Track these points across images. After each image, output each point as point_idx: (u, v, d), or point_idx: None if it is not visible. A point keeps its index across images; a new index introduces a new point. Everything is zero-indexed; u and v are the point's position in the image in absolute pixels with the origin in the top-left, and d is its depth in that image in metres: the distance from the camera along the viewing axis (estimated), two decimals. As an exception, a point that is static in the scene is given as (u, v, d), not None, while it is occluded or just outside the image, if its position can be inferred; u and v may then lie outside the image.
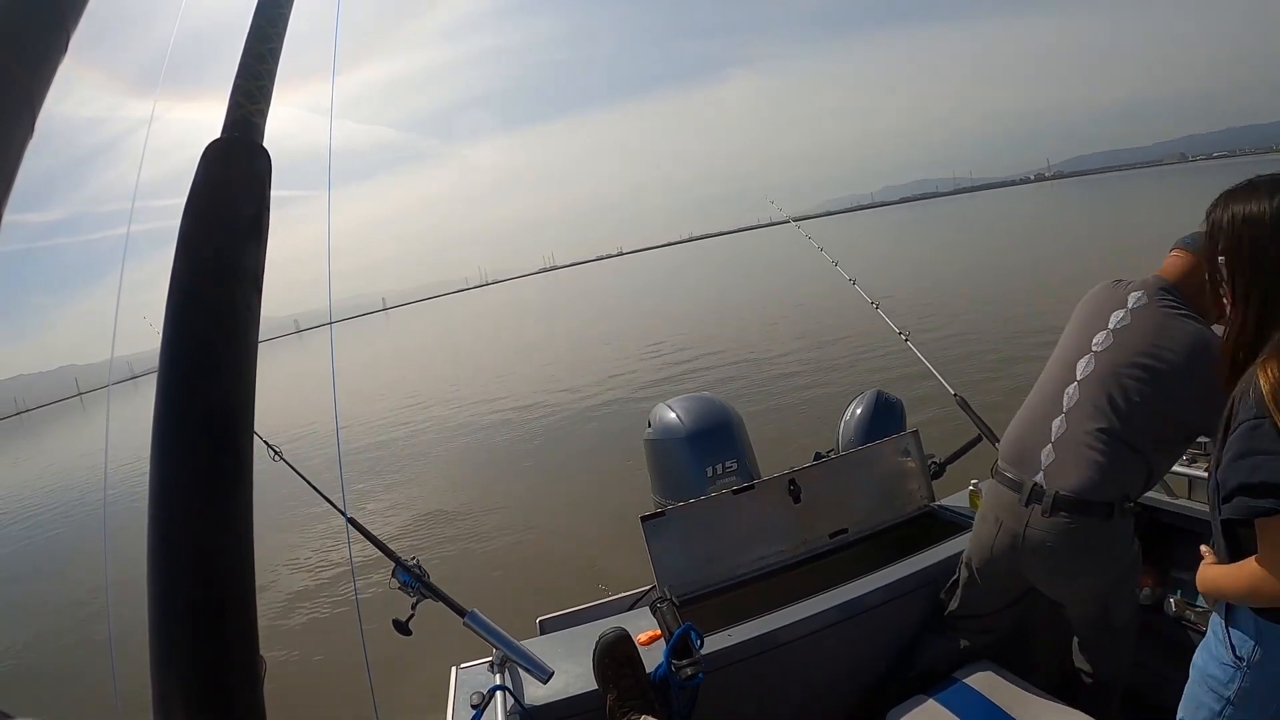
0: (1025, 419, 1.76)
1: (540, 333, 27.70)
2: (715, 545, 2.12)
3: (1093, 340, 1.67)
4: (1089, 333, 1.70)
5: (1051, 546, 1.62)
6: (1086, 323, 1.73)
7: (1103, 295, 1.75)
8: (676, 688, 1.61)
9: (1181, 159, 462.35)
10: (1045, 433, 1.67)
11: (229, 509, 0.46)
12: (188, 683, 0.43)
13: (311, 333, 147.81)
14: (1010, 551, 1.70)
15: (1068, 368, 1.69)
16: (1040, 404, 1.72)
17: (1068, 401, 1.65)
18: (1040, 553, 1.65)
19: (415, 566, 1.77)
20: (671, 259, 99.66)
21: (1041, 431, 1.68)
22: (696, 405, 2.90)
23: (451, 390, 16.43)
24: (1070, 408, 1.64)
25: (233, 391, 0.48)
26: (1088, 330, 1.71)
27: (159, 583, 0.44)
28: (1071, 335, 1.76)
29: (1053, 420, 1.66)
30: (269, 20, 0.55)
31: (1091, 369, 1.64)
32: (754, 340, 13.98)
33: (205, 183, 0.51)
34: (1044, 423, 1.68)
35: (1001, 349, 8.87)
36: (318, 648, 5.01)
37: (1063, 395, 1.67)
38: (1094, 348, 1.66)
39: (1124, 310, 1.66)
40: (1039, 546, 1.64)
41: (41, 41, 0.42)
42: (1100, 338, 1.66)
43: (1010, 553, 1.71)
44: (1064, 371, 1.70)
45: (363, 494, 8.70)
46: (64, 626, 6.85)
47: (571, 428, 10.27)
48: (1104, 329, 1.67)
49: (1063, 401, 1.66)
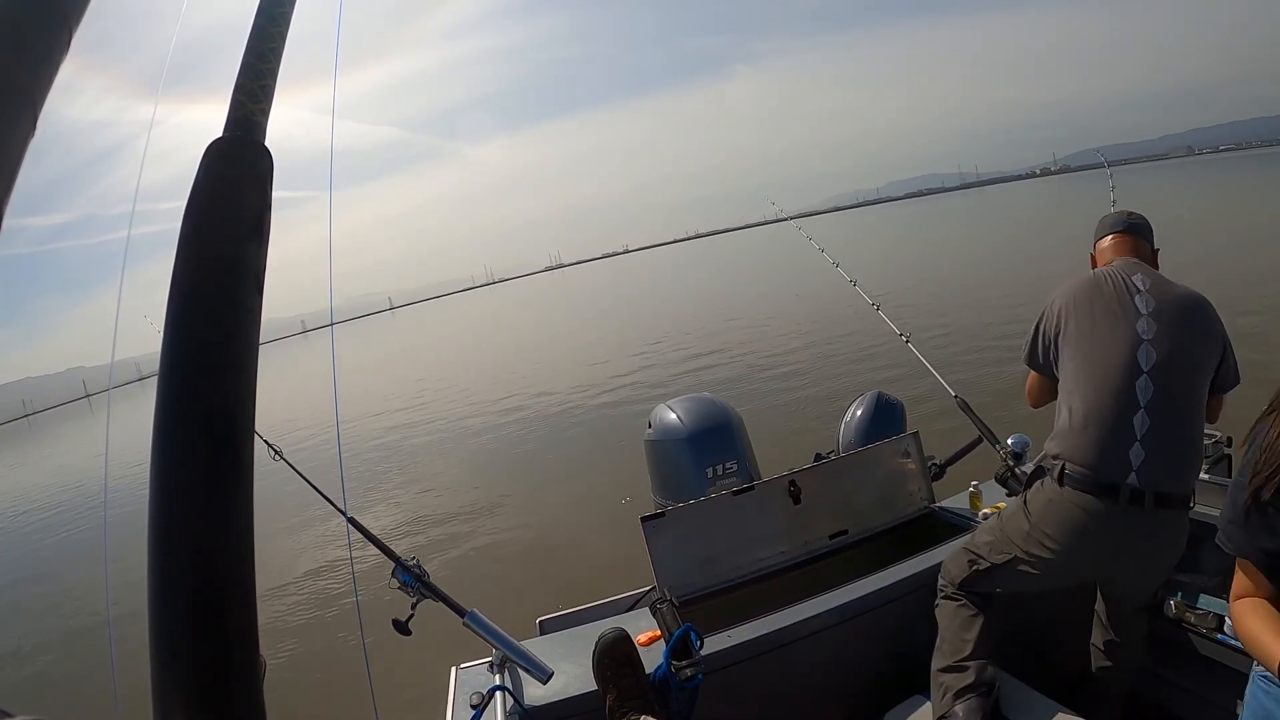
0: (1095, 420, 1.64)
1: (542, 333, 27.71)
2: (715, 546, 2.12)
3: (1137, 328, 1.66)
4: (1125, 321, 1.68)
5: (1155, 545, 1.62)
6: (1113, 311, 1.70)
7: (1103, 284, 1.76)
8: (676, 688, 1.61)
9: (1188, 152, 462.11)
10: (1129, 431, 1.59)
11: (229, 509, 0.46)
12: (188, 683, 0.43)
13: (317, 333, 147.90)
14: (1103, 558, 1.65)
15: (1127, 360, 1.63)
16: (1111, 401, 1.63)
17: (1143, 395, 1.60)
18: (1143, 553, 1.63)
19: (415, 566, 1.77)
20: (675, 256, 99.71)
21: (1124, 430, 1.60)
22: (696, 406, 2.90)
23: (452, 391, 16.43)
24: (1149, 401, 1.59)
25: (233, 391, 0.48)
26: (1120, 319, 1.68)
27: (159, 582, 0.44)
28: (1102, 326, 1.70)
29: (1133, 417, 1.60)
30: (270, 19, 0.55)
31: (1155, 358, 1.62)
32: (755, 340, 13.98)
33: (206, 182, 0.51)
34: (1123, 420, 1.60)
35: (1002, 349, 8.88)
36: (318, 648, 5.01)
37: (1134, 389, 1.61)
38: (1144, 336, 1.64)
39: (1142, 294, 1.70)
40: (1142, 548, 1.62)
41: (43, 40, 0.42)
42: (1143, 325, 1.65)
43: (1101, 559, 1.65)
44: (1125, 363, 1.63)
45: (364, 494, 8.70)
46: (64, 626, 6.85)
47: (572, 428, 10.27)
48: (1140, 314, 1.67)
49: (1138, 396, 1.60)
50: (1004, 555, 1.75)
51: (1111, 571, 1.71)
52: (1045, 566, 1.69)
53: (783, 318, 16.25)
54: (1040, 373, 1.92)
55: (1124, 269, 1.78)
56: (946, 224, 49.47)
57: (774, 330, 14.79)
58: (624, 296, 40.24)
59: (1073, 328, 1.76)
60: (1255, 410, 1.20)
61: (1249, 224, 15.90)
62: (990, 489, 2.30)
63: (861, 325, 10.76)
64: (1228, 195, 32.19)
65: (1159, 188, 42.12)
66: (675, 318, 21.63)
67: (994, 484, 2.26)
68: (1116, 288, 1.74)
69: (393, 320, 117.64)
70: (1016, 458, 2.23)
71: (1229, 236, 14.97)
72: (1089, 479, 1.61)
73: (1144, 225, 1.94)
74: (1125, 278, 1.75)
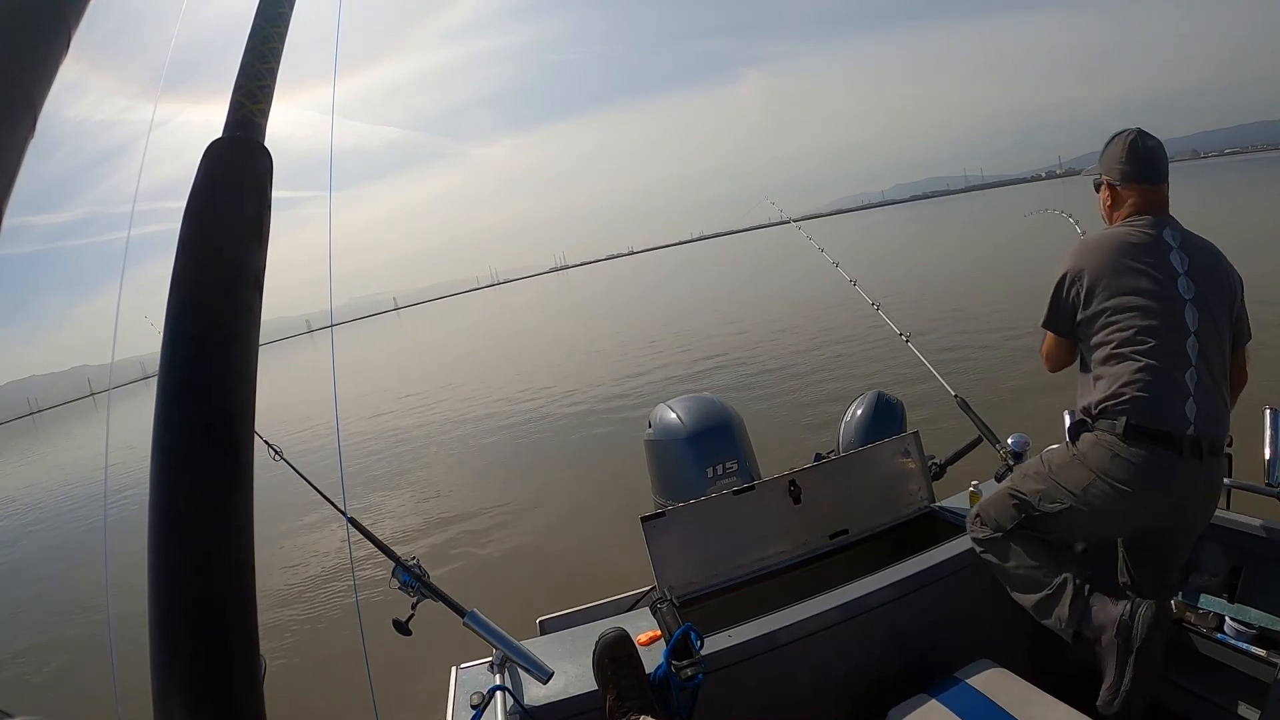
0: (1154, 377, 1.68)
1: (544, 334, 27.71)
2: (715, 546, 2.12)
3: (1179, 288, 1.69)
4: (1167, 281, 1.70)
5: (1210, 493, 1.72)
6: (1152, 273, 1.71)
7: (1135, 243, 1.75)
8: (676, 688, 1.61)
9: (1194, 155, 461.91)
10: (1184, 388, 1.67)
11: (229, 509, 0.46)
12: (188, 683, 0.43)
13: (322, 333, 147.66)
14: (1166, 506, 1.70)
15: (1176, 321, 1.68)
16: (1168, 361, 1.68)
17: (1193, 354, 1.67)
18: (1200, 499, 1.71)
19: (415, 566, 1.77)
20: (680, 258, 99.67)
21: (1180, 387, 1.67)
22: (697, 406, 2.90)
23: (453, 392, 16.43)
24: (1197, 359, 1.67)
25: (234, 391, 0.48)
26: (1162, 281, 1.70)
27: (159, 582, 0.44)
28: (1145, 287, 1.71)
29: (1185, 374, 1.67)
30: (270, 20, 0.55)
31: (1199, 316, 1.68)
32: (755, 340, 13.98)
33: (206, 183, 0.51)
34: (1178, 378, 1.67)
35: (1002, 349, 8.87)
36: (318, 648, 5.01)
37: (1185, 348, 1.68)
38: (1186, 296, 1.69)
39: (1175, 250, 1.72)
40: (1201, 494, 1.70)
41: (43, 40, 0.42)
42: (1184, 285, 1.70)
43: (1165, 507, 1.71)
44: (1175, 325, 1.69)
45: (365, 494, 8.70)
46: (65, 626, 6.85)
47: (572, 428, 10.27)
48: (1179, 274, 1.70)
49: (1189, 355, 1.68)
50: (1057, 504, 1.78)
51: (1171, 519, 1.75)
52: (1106, 515, 1.74)
53: (784, 318, 16.25)
54: (1062, 335, 1.89)
55: (1153, 225, 1.76)
56: (950, 226, 49.47)
57: (774, 330, 14.79)
58: (627, 298, 40.24)
59: (1111, 291, 1.75)
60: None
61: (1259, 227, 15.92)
62: (990, 489, 2.30)
63: (862, 325, 10.76)
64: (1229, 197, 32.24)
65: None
66: (676, 319, 21.63)
67: (994, 483, 2.26)
68: (1151, 246, 1.74)
69: (397, 321, 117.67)
70: (1016, 457, 2.23)
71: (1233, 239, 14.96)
72: (1155, 433, 1.66)
73: (1165, 162, 1.86)
74: (1157, 234, 1.75)
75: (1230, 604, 1.94)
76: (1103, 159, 1.89)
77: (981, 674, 1.77)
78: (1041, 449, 2.41)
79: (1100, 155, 1.92)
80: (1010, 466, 2.19)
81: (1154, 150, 1.82)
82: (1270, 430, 1.90)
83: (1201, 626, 1.93)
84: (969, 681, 1.75)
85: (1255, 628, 1.86)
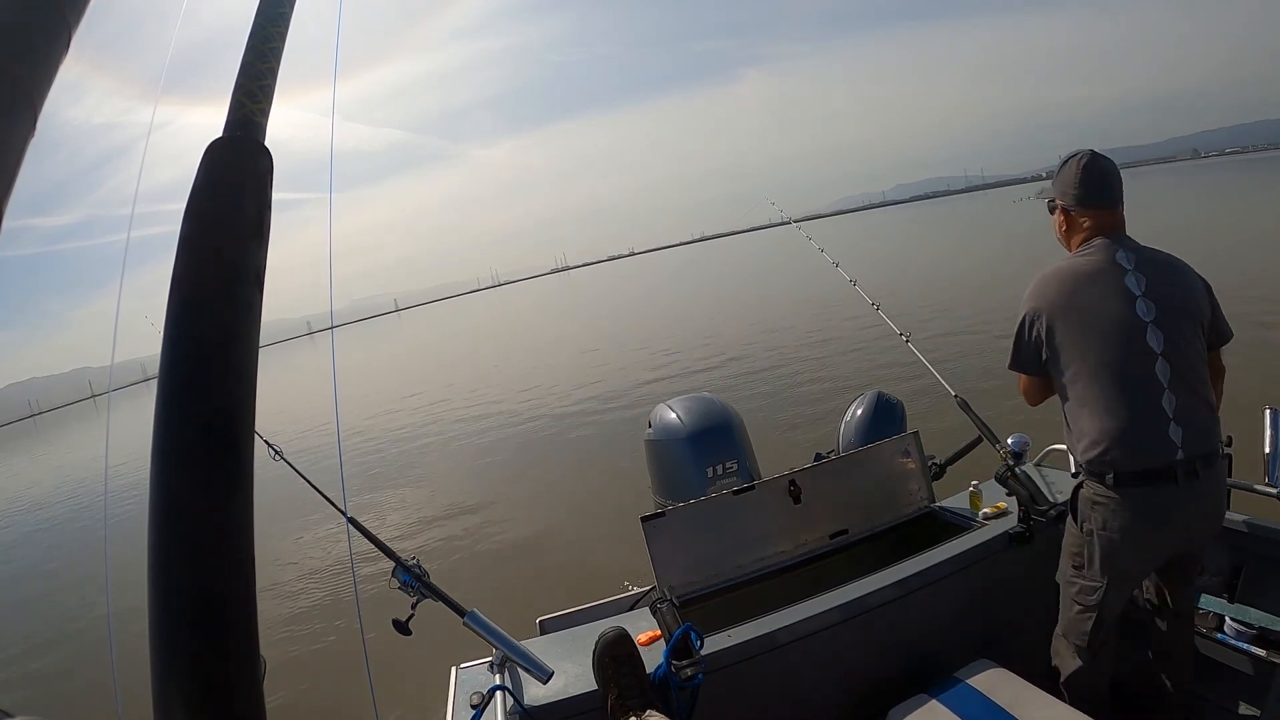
0: (1128, 416, 1.66)
1: (545, 334, 27.71)
2: (715, 546, 2.12)
3: (1138, 312, 1.67)
4: (1125, 309, 1.68)
5: (1213, 501, 1.71)
6: (1108, 303, 1.69)
7: (1088, 273, 1.74)
8: (676, 688, 1.61)
9: (1194, 155, 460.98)
10: (1162, 414, 1.64)
11: (229, 509, 0.46)
12: (188, 682, 0.43)
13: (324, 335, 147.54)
14: (1179, 534, 1.71)
15: (1139, 348, 1.66)
16: (1139, 394, 1.66)
17: (1164, 376, 1.65)
18: (1207, 513, 1.71)
19: (415, 566, 1.76)
20: (681, 259, 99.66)
21: (1158, 415, 1.64)
22: (696, 406, 2.90)
23: (453, 392, 16.44)
24: (1170, 380, 1.65)
25: (234, 391, 0.48)
26: (1118, 309, 1.68)
27: (159, 582, 0.44)
28: (1102, 320, 1.70)
29: (1161, 399, 1.64)
30: (270, 20, 0.55)
31: (1163, 336, 1.66)
32: (756, 340, 13.98)
33: (206, 183, 0.51)
34: (1154, 407, 1.65)
35: (1003, 349, 8.83)
36: (318, 647, 5.01)
37: (1155, 373, 1.65)
38: (1145, 319, 1.66)
39: (1130, 273, 1.70)
40: (1206, 509, 1.70)
41: (43, 40, 0.42)
42: (1142, 308, 1.67)
43: (1178, 535, 1.71)
44: (1139, 352, 1.66)
45: (366, 494, 8.70)
46: (65, 626, 6.85)
47: (572, 428, 10.27)
48: (1136, 296, 1.68)
49: (1160, 379, 1.65)
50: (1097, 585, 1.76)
51: (1187, 542, 1.75)
52: (1129, 566, 1.74)
53: (784, 318, 16.25)
54: (1031, 375, 1.88)
55: (1105, 249, 1.74)
56: (951, 226, 49.44)
57: (775, 330, 14.80)
58: (627, 298, 40.24)
59: (1069, 327, 1.73)
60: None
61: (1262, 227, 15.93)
62: (990, 488, 2.30)
63: (862, 325, 10.76)
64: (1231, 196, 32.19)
65: (1163, 189, 42.04)
66: (676, 319, 21.63)
67: (994, 483, 2.26)
68: (1105, 272, 1.71)
69: (398, 322, 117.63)
70: (1016, 457, 2.23)
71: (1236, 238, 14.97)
72: (1143, 473, 1.65)
73: (1119, 184, 1.82)
74: (1110, 259, 1.72)
75: (1230, 604, 1.94)
76: (1056, 183, 1.86)
77: (981, 674, 1.77)
78: (1042, 449, 2.41)
79: (1054, 179, 1.89)
80: (1010, 466, 2.18)
81: (1108, 173, 1.80)
82: (1270, 431, 1.90)
83: (1202, 626, 1.93)
84: (969, 681, 1.75)
85: (1255, 628, 1.86)
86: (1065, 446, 1.89)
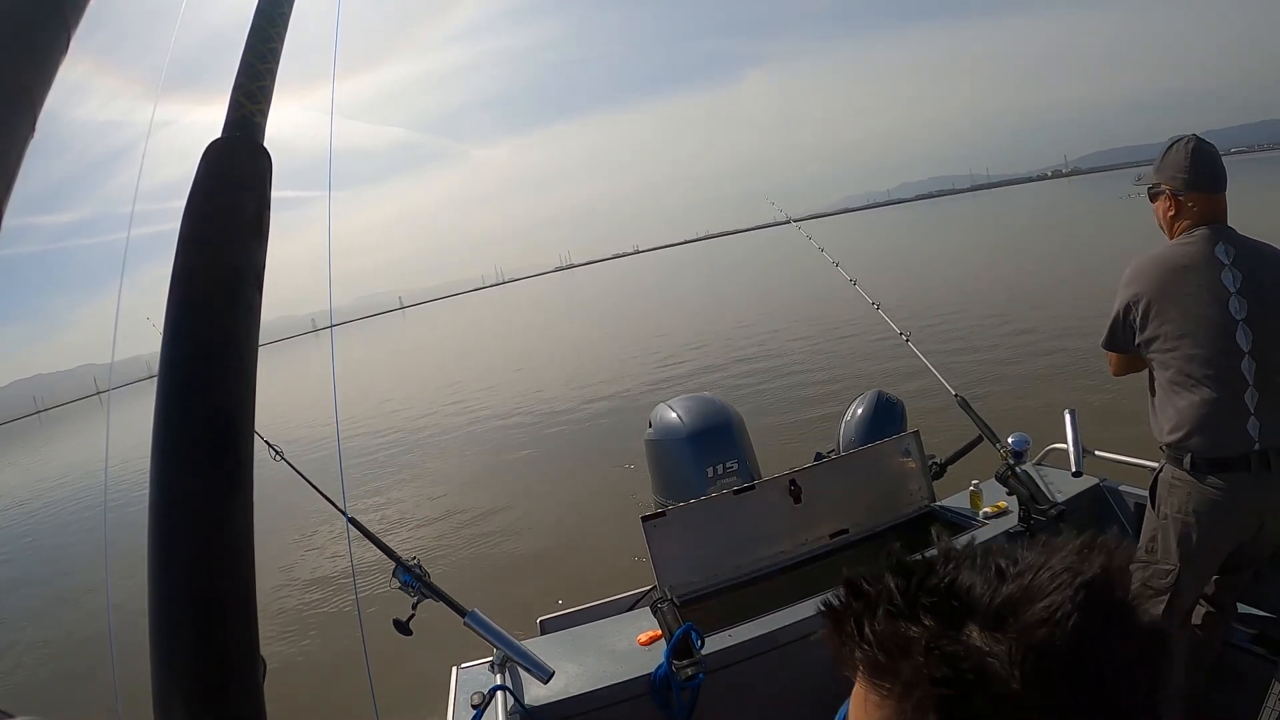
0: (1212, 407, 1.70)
1: (546, 333, 27.71)
2: (716, 545, 2.11)
3: (1230, 309, 1.68)
4: (1218, 304, 1.69)
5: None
6: (1203, 296, 1.71)
7: (1187, 264, 1.74)
8: (677, 688, 1.61)
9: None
10: (1244, 409, 1.68)
11: (229, 509, 0.46)
12: (188, 682, 0.43)
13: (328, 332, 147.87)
14: (1251, 522, 1.72)
15: (1228, 345, 1.69)
16: (1223, 389, 1.69)
17: (1249, 374, 1.67)
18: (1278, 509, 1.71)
19: (416, 566, 1.77)
20: (685, 257, 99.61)
21: (1239, 410, 1.68)
22: (697, 405, 2.89)
23: (453, 391, 16.43)
24: (1255, 379, 1.67)
25: (234, 390, 0.47)
26: (1212, 303, 1.70)
27: (160, 582, 0.44)
28: (1196, 313, 1.72)
29: (1244, 395, 1.68)
30: (269, 20, 0.55)
31: (1253, 336, 1.67)
32: (756, 340, 13.97)
33: (205, 183, 0.51)
34: (1237, 402, 1.68)
35: (1002, 348, 8.86)
36: (318, 647, 5.01)
37: (1240, 371, 1.68)
38: (1237, 316, 1.68)
39: (1227, 268, 1.70)
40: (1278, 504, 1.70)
41: (43, 40, 0.42)
42: (1235, 305, 1.68)
43: (1250, 523, 1.73)
44: (1227, 349, 1.69)
45: (366, 493, 8.70)
46: (65, 625, 6.85)
47: (572, 428, 10.26)
48: (1230, 293, 1.69)
49: (1245, 376, 1.68)
50: (1170, 569, 1.78)
51: (1259, 531, 1.76)
52: (1207, 551, 1.76)
53: (784, 318, 16.24)
54: (1123, 353, 1.92)
55: (1206, 241, 1.74)
56: (956, 226, 49.40)
57: (775, 330, 14.79)
58: (628, 299, 40.23)
59: (1164, 317, 1.77)
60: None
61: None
62: (990, 488, 2.30)
63: (862, 325, 10.76)
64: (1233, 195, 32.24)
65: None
66: (677, 318, 21.62)
67: (994, 483, 2.26)
68: (1202, 266, 1.72)
69: (403, 320, 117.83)
70: (1017, 456, 2.22)
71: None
72: (1221, 461, 1.70)
73: (1224, 170, 1.79)
74: (1209, 253, 1.73)
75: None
76: (1162, 167, 1.83)
77: None
78: (1042, 449, 2.41)
79: (1158, 163, 1.85)
80: (1010, 466, 2.18)
81: (1215, 157, 1.80)
82: None
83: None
84: None
85: (1255, 628, 1.86)
86: (1065, 446, 1.91)
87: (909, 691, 0.38)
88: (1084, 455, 2.16)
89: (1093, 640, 0.36)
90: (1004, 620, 0.37)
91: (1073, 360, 7.44)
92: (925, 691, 0.37)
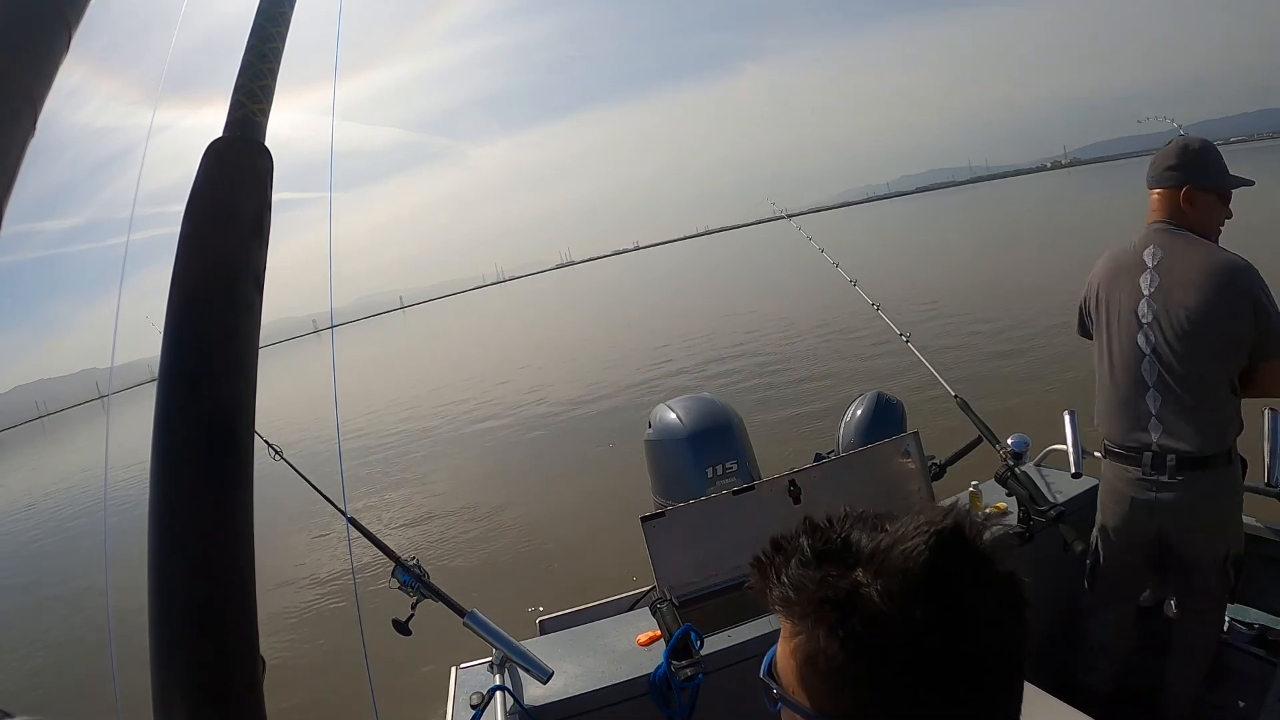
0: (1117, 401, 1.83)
1: (545, 333, 27.71)
2: (715, 546, 2.11)
3: (1138, 313, 1.76)
4: (1130, 305, 1.78)
5: (1186, 502, 1.75)
6: (1121, 296, 1.81)
7: (1119, 263, 1.84)
8: (677, 688, 1.61)
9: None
10: (1144, 408, 1.77)
11: (229, 509, 0.46)
12: (188, 682, 0.43)
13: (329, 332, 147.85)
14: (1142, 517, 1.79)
15: (1131, 346, 1.78)
16: (1126, 385, 1.80)
17: (1150, 376, 1.76)
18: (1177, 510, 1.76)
19: (415, 566, 1.77)
20: (685, 253, 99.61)
21: (1140, 408, 1.77)
22: (696, 406, 2.89)
23: (453, 392, 16.43)
24: (1156, 381, 1.75)
25: (234, 391, 0.47)
26: (1126, 304, 1.79)
27: (159, 582, 0.44)
28: (1113, 310, 1.83)
29: (1145, 396, 1.77)
30: (270, 20, 0.55)
31: (1154, 340, 1.74)
32: (755, 340, 13.97)
33: (206, 183, 0.51)
34: (1138, 399, 1.78)
35: (1002, 348, 8.86)
36: (317, 647, 5.01)
37: (1141, 372, 1.76)
38: (1143, 320, 1.75)
39: (1148, 270, 1.76)
40: (1173, 505, 1.75)
41: (43, 40, 0.42)
42: (1143, 308, 1.76)
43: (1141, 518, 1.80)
44: (1130, 349, 1.78)
45: (366, 493, 8.70)
46: (65, 626, 6.85)
47: (572, 428, 10.26)
48: (1143, 296, 1.76)
49: (1145, 378, 1.77)
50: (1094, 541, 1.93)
51: (1155, 530, 1.81)
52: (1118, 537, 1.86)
53: (784, 317, 16.24)
54: (1086, 339, 2.04)
55: (1141, 242, 1.83)
56: (955, 219, 49.35)
57: (774, 330, 14.79)
58: (630, 294, 40.24)
59: (1098, 311, 1.89)
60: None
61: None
62: (990, 489, 2.29)
63: (862, 324, 10.75)
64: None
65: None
66: (677, 317, 21.62)
67: (994, 484, 2.26)
68: (1133, 267, 1.81)
69: (404, 319, 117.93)
70: (1017, 457, 2.22)
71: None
72: (1119, 452, 1.83)
73: (1181, 171, 1.78)
74: (1138, 254, 1.81)
75: (1230, 604, 1.93)
76: (1211, 170, 1.79)
77: None
78: (1042, 449, 2.41)
79: (1201, 168, 1.79)
80: (1010, 467, 2.18)
81: (1173, 149, 1.84)
82: (1270, 431, 1.89)
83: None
84: None
85: (1255, 628, 1.86)
86: (1064, 447, 2.07)
87: (806, 614, 0.52)
88: (1084, 456, 2.16)
89: (943, 573, 0.48)
90: (877, 560, 0.50)
91: (1072, 359, 7.48)
92: (819, 614, 0.50)
